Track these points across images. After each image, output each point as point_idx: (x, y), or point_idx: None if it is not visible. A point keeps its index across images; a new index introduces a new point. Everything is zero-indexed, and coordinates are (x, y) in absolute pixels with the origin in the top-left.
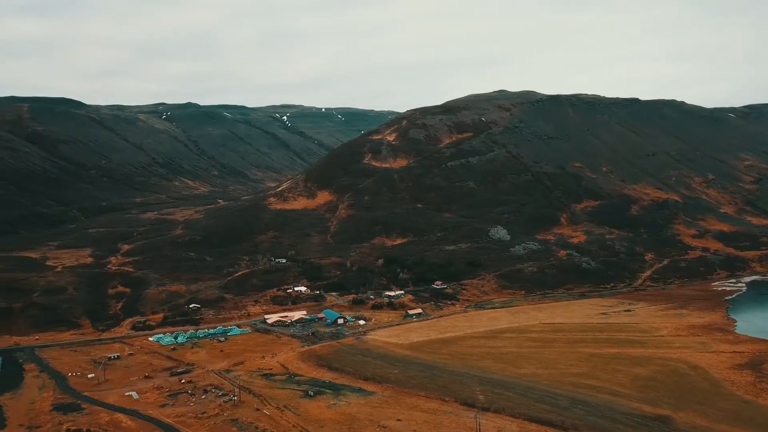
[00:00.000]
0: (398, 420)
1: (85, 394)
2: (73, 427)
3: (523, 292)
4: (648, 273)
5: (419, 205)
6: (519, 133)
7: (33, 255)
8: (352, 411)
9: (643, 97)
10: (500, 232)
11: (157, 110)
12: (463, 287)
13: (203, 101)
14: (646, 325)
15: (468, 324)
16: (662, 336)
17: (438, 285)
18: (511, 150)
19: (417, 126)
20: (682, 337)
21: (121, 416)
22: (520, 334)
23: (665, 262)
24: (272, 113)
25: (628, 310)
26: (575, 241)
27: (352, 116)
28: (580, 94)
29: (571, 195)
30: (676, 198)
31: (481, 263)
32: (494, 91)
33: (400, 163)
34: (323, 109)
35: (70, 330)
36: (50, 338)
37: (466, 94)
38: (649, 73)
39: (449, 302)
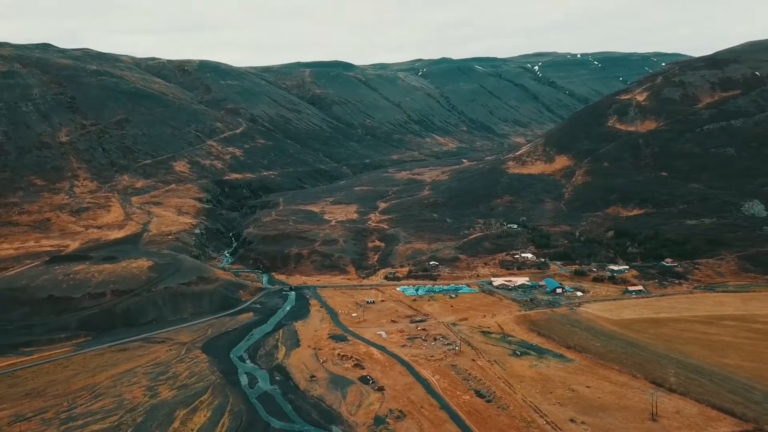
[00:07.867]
0: (587, 387)
1: (350, 328)
2: (341, 353)
3: (767, 277)
4: None
5: (664, 174)
6: None
7: (315, 209)
8: (549, 373)
9: None
10: (755, 207)
11: (413, 67)
12: (696, 267)
13: (456, 54)
14: None
15: (687, 306)
16: None
17: (668, 262)
18: None
19: (672, 84)
20: None
21: (373, 350)
22: (741, 323)
23: None
24: (524, 63)
25: None
26: None
27: (610, 61)
28: None
29: None
30: None
31: (724, 242)
32: None
33: (648, 126)
34: (578, 56)
35: (340, 275)
36: (326, 280)
37: (740, 42)
38: None
39: (676, 281)
